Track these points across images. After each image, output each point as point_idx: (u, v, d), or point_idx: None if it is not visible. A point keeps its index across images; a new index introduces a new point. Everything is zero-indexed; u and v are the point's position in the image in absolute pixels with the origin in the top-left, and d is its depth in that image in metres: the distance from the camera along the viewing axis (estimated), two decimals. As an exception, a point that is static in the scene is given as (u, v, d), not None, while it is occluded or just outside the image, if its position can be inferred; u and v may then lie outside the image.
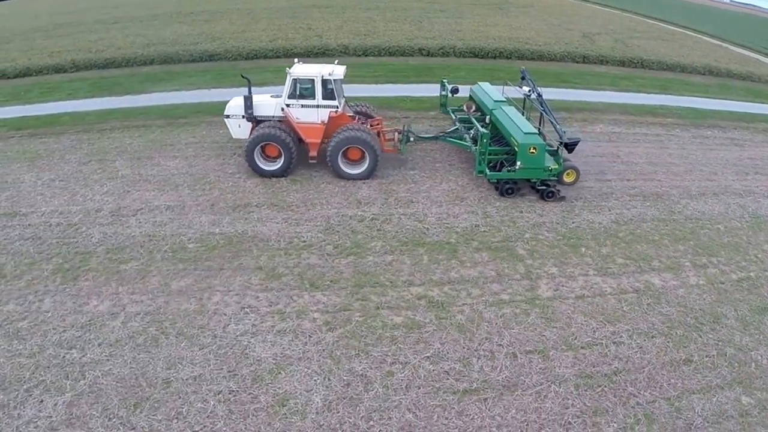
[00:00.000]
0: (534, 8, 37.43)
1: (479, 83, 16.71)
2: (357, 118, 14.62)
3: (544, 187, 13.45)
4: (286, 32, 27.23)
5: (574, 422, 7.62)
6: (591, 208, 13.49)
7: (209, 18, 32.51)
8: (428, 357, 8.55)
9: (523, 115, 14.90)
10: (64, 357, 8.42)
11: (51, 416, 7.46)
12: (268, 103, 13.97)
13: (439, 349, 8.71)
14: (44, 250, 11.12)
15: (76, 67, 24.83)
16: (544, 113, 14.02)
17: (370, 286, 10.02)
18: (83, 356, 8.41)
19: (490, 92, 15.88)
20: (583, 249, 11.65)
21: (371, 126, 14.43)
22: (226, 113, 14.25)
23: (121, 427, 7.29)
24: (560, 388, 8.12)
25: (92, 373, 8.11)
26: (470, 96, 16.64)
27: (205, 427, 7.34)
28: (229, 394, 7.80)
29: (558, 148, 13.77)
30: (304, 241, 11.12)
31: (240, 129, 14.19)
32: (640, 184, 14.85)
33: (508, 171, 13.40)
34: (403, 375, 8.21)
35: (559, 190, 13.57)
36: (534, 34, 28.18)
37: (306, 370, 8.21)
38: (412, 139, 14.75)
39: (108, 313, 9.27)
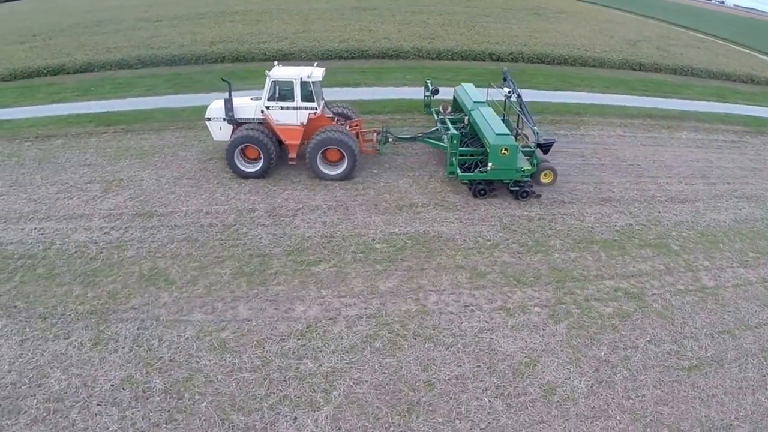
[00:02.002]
0: (567, 14, 38.25)
1: (462, 84, 16.67)
2: (336, 119, 14.73)
3: (516, 188, 13.26)
4: (350, 34, 26.91)
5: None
6: (711, 209, 14.11)
7: (258, 18, 31.90)
8: (649, 341, 9.20)
9: (504, 116, 15.00)
10: (298, 368, 8.12)
11: None
12: (248, 105, 14.04)
13: (653, 333, 9.38)
14: (209, 253, 10.91)
15: (142, 63, 24.03)
16: (521, 114, 14.04)
17: (569, 280, 10.44)
18: (320, 366, 8.16)
19: (472, 93, 15.86)
20: (720, 244, 12.43)
21: (350, 127, 14.50)
22: (207, 116, 14.33)
23: None
24: (754, 360, 9.08)
25: (342, 383, 7.87)
26: (454, 97, 16.64)
27: (489, 423, 7.42)
28: (496, 389, 7.97)
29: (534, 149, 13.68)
30: (489, 240, 11.32)
31: (221, 131, 14.24)
32: (739, 187, 15.63)
33: (480, 172, 13.28)
34: (637, 358, 8.80)
35: (534, 191, 13.43)
36: (585, 41, 28.87)
37: (556, 360, 8.54)
38: (390, 139, 14.91)
39: (324, 318, 9.11)
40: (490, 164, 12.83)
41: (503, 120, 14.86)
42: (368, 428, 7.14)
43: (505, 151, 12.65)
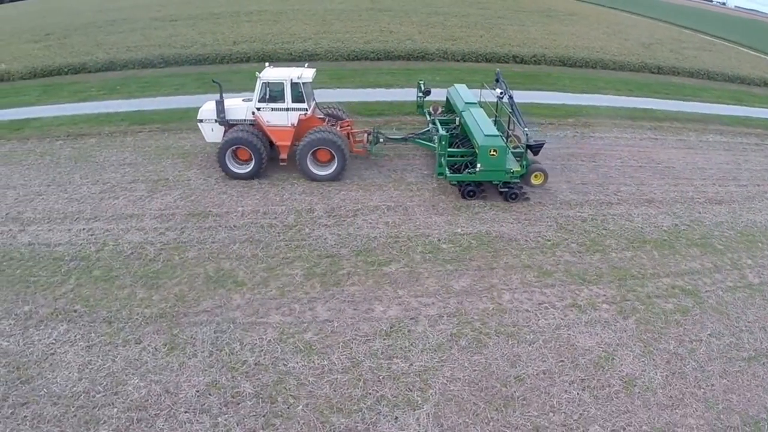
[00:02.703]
0: (578, 16, 39.01)
1: (455, 85, 16.87)
2: (327, 120, 15.00)
3: (506, 189, 13.42)
4: (373, 35, 27.27)
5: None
6: (746, 210, 14.79)
7: (275, 18, 32.08)
8: (710, 334, 9.77)
9: (496, 118, 15.31)
10: (389, 368, 8.33)
11: (419, 431, 7.37)
12: (239, 106, 14.30)
13: (713, 327, 9.95)
14: (275, 254, 11.16)
15: (166, 62, 24.15)
16: (512, 116, 14.32)
17: (629, 278, 10.98)
18: (411, 365, 8.41)
19: (464, 95, 16.00)
20: (759, 243, 13.07)
21: (341, 128, 14.80)
22: (198, 118, 14.61)
23: (507, 429, 7.54)
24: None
25: (436, 381, 8.14)
26: (447, 98, 16.83)
27: (581, 415, 7.89)
28: (581, 382, 8.45)
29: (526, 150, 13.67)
30: (549, 240, 11.81)
31: (213, 133, 14.50)
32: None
33: (469, 173, 13.47)
34: (702, 350, 9.36)
35: (524, 192, 13.66)
36: (602, 43, 29.55)
37: (631, 353, 9.06)
38: (381, 140, 15.19)
39: (405, 318, 9.43)
40: (478, 165, 13.00)
41: (495, 121, 15.11)
42: (469, 424, 7.51)
43: (494, 153, 12.76)
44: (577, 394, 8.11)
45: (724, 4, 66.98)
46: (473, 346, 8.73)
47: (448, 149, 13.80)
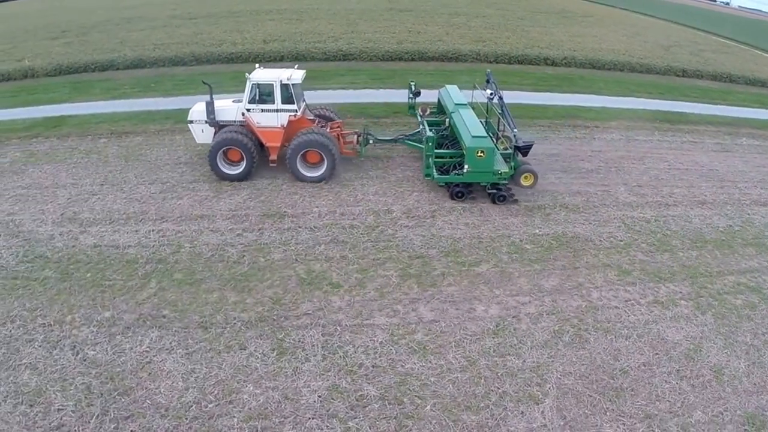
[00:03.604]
0: (595, 17, 40.33)
1: (446, 86, 17.27)
2: (317, 121, 15.41)
3: (494, 191, 13.72)
4: (401, 35, 27.96)
5: None
6: None
7: (298, 17, 32.74)
8: None
9: (487, 119, 15.76)
10: (504, 365, 8.90)
11: (546, 425, 7.95)
12: (229, 108, 14.69)
13: None
14: (364, 255, 11.63)
15: (197, 60, 24.55)
16: (501, 117, 14.66)
17: (699, 276, 11.88)
18: (524, 362, 9.00)
19: (454, 96, 16.31)
20: None
21: (331, 129, 15.23)
22: (189, 119, 15.02)
23: (623, 418, 8.19)
24: None
25: (551, 376, 8.73)
26: (438, 99, 17.20)
27: (683, 402, 8.77)
28: (677, 373, 9.31)
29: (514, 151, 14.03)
30: (621, 241, 12.68)
31: (203, 134, 14.91)
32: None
33: (456, 174, 13.80)
34: None
35: (513, 194, 13.96)
36: (624, 46, 30.73)
37: (714, 346, 9.92)
38: (371, 141, 15.64)
39: (507, 316, 10.01)
40: (466, 166, 13.37)
41: (486, 122, 15.51)
42: (588, 415, 8.22)
43: (482, 154, 13.04)
44: (676, 383, 8.95)
45: (728, 3, 69.24)
46: (576, 342, 9.49)
47: (437, 150, 14.24)
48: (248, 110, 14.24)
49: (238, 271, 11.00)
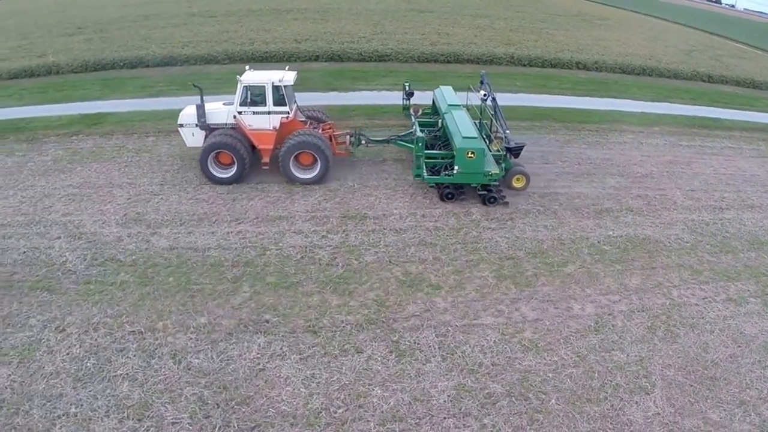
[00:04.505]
0: (611, 21, 42.18)
1: (441, 87, 17.87)
2: (309, 123, 15.92)
3: (485, 192, 14.31)
4: (430, 37, 29.06)
5: None
6: None
7: (321, 17, 33.63)
8: None
9: (480, 121, 16.36)
10: (612, 359, 9.83)
11: (659, 413, 8.95)
12: (220, 110, 15.05)
13: None
14: (456, 257, 12.31)
15: (230, 58, 25.26)
16: (494, 118, 15.24)
17: (761, 276, 13.09)
18: (628, 356, 9.97)
19: (448, 96, 16.91)
20: None
21: (323, 130, 15.76)
22: (179, 122, 15.39)
23: (722, 405, 9.28)
24: None
25: (654, 368, 9.69)
26: (432, 100, 17.86)
27: (763, 391, 9.81)
28: (759, 363, 10.46)
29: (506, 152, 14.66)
30: (688, 242, 13.99)
31: (194, 137, 15.31)
32: None
33: (446, 175, 14.32)
34: None
35: (503, 196, 14.56)
36: (648, 50, 32.35)
37: None
38: (363, 142, 16.19)
39: (603, 314, 11.04)
40: (456, 167, 13.92)
41: (479, 124, 16.14)
42: (693, 403, 9.32)
43: (472, 155, 13.56)
44: (761, 372, 10.15)
45: (733, 6, 72.36)
46: (668, 336, 10.65)
47: (427, 151, 14.85)
48: (240, 113, 14.61)
49: (333, 274, 11.57)
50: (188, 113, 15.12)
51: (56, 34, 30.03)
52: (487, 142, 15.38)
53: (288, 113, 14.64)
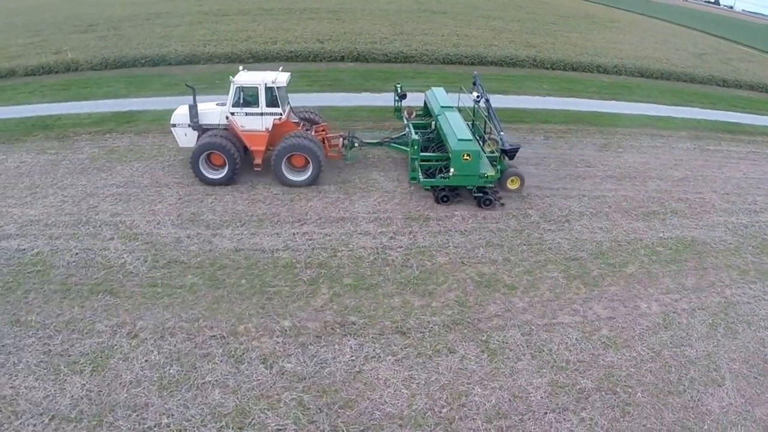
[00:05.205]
0: (621, 23, 43.84)
1: (433, 89, 18.18)
2: (302, 124, 16.32)
3: (480, 195, 14.73)
4: (450, 39, 30.01)
5: None
6: None
7: (336, 17, 34.56)
8: None
9: (474, 122, 16.79)
10: (683, 354, 10.63)
11: (732, 403, 9.74)
12: (213, 111, 15.40)
13: None
14: (524, 258, 12.99)
15: (254, 57, 25.79)
16: (488, 119, 15.62)
17: None
18: (696, 351, 10.84)
19: (440, 98, 17.17)
20: None
21: (316, 132, 16.10)
22: (171, 122, 15.74)
23: None
24: None
25: (722, 362, 10.56)
26: (424, 102, 18.18)
27: None
28: None
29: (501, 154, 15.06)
30: (731, 244, 15.09)
31: (186, 138, 15.64)
32: None
33: (442, 177, 14.69)
34: None
35: (499, 197, 15.05)
36: (661, 54, 33.87)
37: None
38: (356, 144, 16.60)
39: (668, 312, 11.90)
40: (451, 170, 14.25)
41: (472, 125, 16.57)
42: (759, 393, 10.27)
43: (467, 157, 13.88)
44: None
45: (731, 7, 75.38)
46: (729, 333, 11.65)
47: (423, 154, 15.15)
48: (232, 113, 14.94)
49: (409, 275, 12.08)
50: (181, 113, 15.39)
51: (68, 31, 30.14)
52: (481, 143, 15.83)
53: (281, 114, 14.98)
